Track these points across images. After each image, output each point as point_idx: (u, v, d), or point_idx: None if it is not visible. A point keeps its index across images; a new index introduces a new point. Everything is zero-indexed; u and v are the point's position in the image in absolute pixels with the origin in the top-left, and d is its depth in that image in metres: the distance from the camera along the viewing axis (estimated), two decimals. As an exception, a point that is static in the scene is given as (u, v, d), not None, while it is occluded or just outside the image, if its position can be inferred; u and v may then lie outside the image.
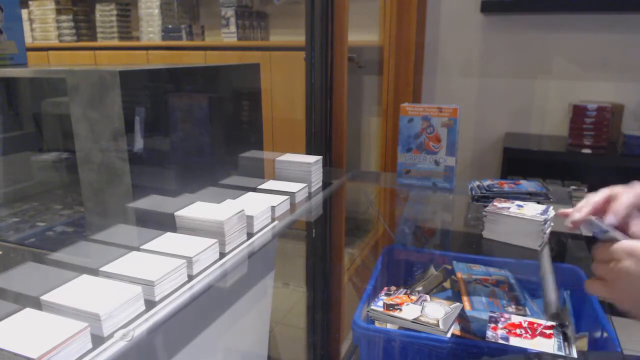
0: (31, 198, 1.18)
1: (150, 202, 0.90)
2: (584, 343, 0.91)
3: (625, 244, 0.60)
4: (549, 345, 0.72)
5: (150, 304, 0.68)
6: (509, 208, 1.10)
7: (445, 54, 2.53)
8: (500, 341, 0.74)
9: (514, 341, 0.74)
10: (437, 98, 2.58)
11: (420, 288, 1.11)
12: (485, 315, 0.90)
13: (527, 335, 0.75)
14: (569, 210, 0.71)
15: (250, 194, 1.08)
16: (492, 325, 0.78)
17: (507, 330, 0.76)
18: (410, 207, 1.42)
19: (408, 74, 2.39)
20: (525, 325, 0.78)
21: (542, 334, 0.74)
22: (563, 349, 0.71)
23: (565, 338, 0.74)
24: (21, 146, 1.23)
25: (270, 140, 2.64)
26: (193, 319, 0.83)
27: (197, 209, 0.90)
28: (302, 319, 1.50)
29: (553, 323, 0.77)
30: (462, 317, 0.92)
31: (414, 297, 0.96)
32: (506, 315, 0.81)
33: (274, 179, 1.22)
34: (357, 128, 2.87)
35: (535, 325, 0.77)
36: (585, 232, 0.72)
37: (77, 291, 0.65)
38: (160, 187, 0.93)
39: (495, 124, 2.51)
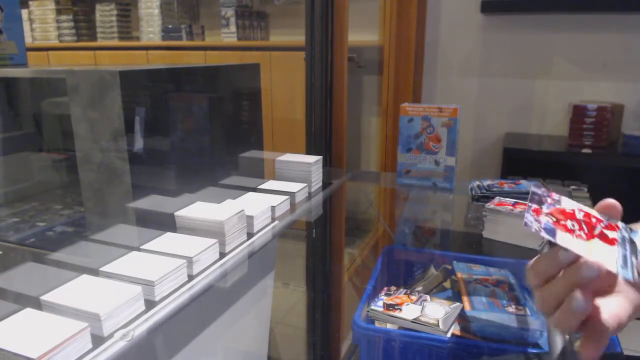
0: (31, 198, 1.18)
1: (150, 202, 0.90)
2: (584, 343, 0.91)
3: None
4: (609, 255, 0.45)
5: (150, 304, 0.68)
6: (509, 208, 1.10)
7: (445, 54, 2.53)
8: (543, 234, 0.47)
9: (562, 237, 0.46)
10: (437, 98, 2.58)
11: (420, 288, 1.11)
12: (485, 316, 0.90)
13: (581, 233, 0.47)
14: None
15: (250, 194, 1.08)
16: (534, 206, 0.50)
17: (554, 220, 0.48)
18: (410, 207, 1.42)
19: (408, 74, 2.38)
20: (580, 217, 0.49)
21: (603, 237, 0.47)
22: (629, 265, 0.45)
23: (634, 250, 0.47)
24: (21, 146, 1.23)
25: (270, 140, 2.64)
26: (193, 319, 0.83)
27: (197, 209, 0.90)
28: (302, 319, 1.50)
29: (618, 223, 0.51)
30: (462, 317, 0.92)
31: (414, 297, 0.96)
32: (555, 197, 0.52)
33: (274, 179, 1.22)
34: (357, 128, 2.87)
35: (594, 221, 0.49)
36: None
37: (77, 291, 0.65)
38: (160, 187, 0.93)
39: (495, 124, 2.51)
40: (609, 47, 2.25)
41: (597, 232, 0.48)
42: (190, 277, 0.76)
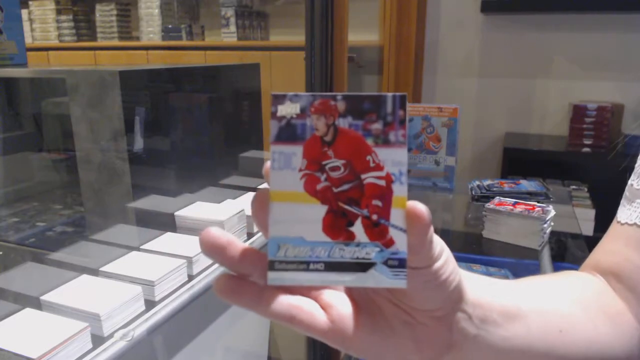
0: (31, 198, 1.18)
1: (150, 202, 0.90)
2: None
3: None
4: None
5: (150, 304, 0.68)
6: (509, 208, 1.10)
7: (445, 54, 2.53)
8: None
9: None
10: (437, 98, 2.58)
11: (420, 288, 1.11)
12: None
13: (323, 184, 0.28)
14: None
15: (251, 194, 1.08)
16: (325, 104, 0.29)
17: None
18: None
19: (408, 73, 2.38)
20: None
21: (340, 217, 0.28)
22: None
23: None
24: (21, 146, 1.23)
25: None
26: (193, 319, 0.83)
27: (197, 209, 0.90)
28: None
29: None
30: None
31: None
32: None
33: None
34: (357, 128, 2.87)
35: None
36: None
37: (77, 291, 0.65)
38: (160, 187, 0.93)
39: (495, 123, 2.51)
40: (609, 47, 2.25)
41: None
42: (190, 277, 0.76)
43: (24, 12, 3.31)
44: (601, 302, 0.42)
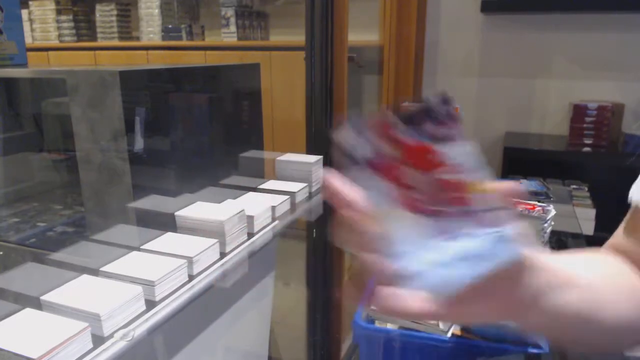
0: (31, 198, 1.18)
1: (151, 202, 0.90)
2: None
3: None
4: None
5: (150, 304, 0.68)
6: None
7: (445, 54, 2.53)
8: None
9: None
10: (437, 98, 2.57)
11: (420, 288, 1.10)
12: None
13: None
14: None
15: (251, 193, 1.08)
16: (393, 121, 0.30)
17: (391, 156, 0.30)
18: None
19: (408, 73, 2.38)
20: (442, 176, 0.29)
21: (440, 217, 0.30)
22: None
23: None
24: (21, 146, 1.23)
25: (270, 140, 2.64)
26: (193, 319, 0.83)
27: (197, 209, 0.90)
28: (302, 318, 1.50)
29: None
30: (462, 317, 0.91)
31: (414, 297, 0.96)
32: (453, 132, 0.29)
33: (274, 178, 1.22)
34: (357, 128, 2.87)
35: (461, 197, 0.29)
36: None
37: (78, 291, 0.65)
38: (161, 187, 0.93)
39: (496, 123, 2.51)
40: (609, 47, 2.25)
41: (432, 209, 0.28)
42: (191, 277, 0.76)
43: (24, 12, 3.31)
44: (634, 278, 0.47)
